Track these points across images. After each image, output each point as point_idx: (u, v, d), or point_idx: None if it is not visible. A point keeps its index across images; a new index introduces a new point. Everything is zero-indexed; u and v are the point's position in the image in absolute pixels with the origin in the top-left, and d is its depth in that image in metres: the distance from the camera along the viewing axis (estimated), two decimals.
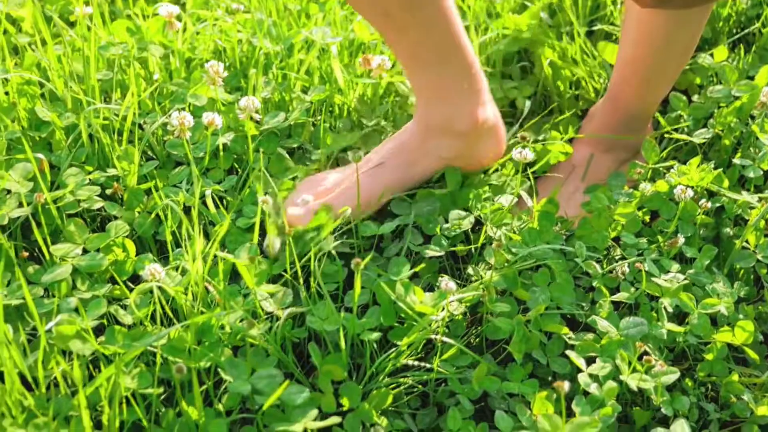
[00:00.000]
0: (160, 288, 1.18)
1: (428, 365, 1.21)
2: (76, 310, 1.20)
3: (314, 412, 1.10)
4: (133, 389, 1.10)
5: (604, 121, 1.56)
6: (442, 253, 1.33)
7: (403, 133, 1.43)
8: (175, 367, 1.05)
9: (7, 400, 1.07)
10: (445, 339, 1.20)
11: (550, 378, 1.27)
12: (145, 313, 1.18)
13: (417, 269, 1.30)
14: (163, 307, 1.22)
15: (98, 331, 1.25)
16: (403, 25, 1.27)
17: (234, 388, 1.10)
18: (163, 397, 1.19)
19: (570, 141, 1.58)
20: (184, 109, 1.46)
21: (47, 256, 1.27)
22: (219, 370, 1.13)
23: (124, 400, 1.10)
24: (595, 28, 1.78)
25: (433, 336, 1.20)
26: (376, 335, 1.17)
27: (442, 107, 1.38)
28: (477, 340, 1.28)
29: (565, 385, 1.04)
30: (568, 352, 1.23)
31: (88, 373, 1.18)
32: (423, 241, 1.38)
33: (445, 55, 1.32)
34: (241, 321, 1.17)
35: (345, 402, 1.16)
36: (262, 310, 1.20)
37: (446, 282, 1.19)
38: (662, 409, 1.21)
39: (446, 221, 1.38)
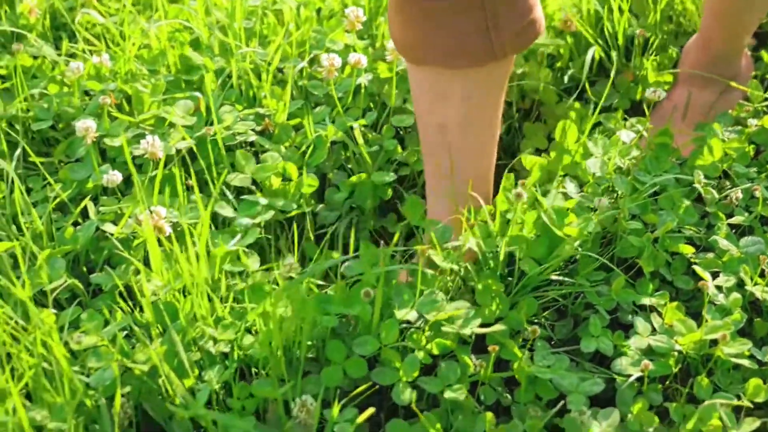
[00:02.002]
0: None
1: (568, 279, 1.29)
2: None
3: (478, 320, 1.19)
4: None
5: (698, 59, 1.62)
6: None
7: None
8: (363, 291, 1.14)
9: (196, 302, 1.16)
10: (590, 254, 1.27)
11: (674, 294, 1.34)
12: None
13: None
14: None
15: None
16: (450, 142, 1.30)
17: (401, 304, 1.20)
18: None
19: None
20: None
21: (210, 184, 1.36)
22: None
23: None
24: None
25: (577, 251, 1.28)
26: (535, 267, 1.25)
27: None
28: (608, 258, 1.35)
29: (709, 284, 1.11)
30: (694, 266, 1.31)
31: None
32: None
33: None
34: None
35: (496, 311, 1.24)
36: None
37: (599, 200, 1.28)
38: None
39: None
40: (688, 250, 1.34)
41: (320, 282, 1.28)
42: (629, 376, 1.20)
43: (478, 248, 1.25)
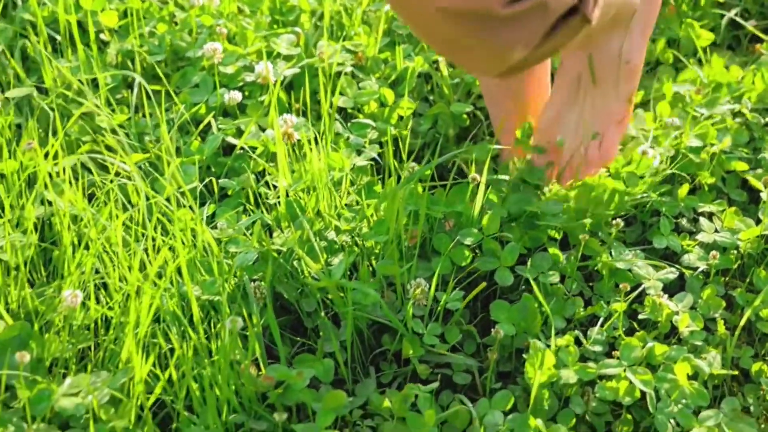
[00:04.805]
0: None
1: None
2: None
3: (564, 217, 1.33)
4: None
5: None
6: None
7: None
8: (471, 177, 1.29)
9: (322, 194, 1.30)
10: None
11: (727, 204, 1.48)
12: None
13: None
14: None
15: None
16: (511, 88, 1.43)
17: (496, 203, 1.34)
18: None
19: None
20: None
21: (308, 110, 1.49)
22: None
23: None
24: None
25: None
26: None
27: None
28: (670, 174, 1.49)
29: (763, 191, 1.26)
30: (748, 178, 1.45)
31: None
32: None
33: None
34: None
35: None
36: None
37: (671, 120, 1.42)
38: None
39: None
40: (741, 166, 1.48)
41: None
42: (696, 269, 1.35)
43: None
